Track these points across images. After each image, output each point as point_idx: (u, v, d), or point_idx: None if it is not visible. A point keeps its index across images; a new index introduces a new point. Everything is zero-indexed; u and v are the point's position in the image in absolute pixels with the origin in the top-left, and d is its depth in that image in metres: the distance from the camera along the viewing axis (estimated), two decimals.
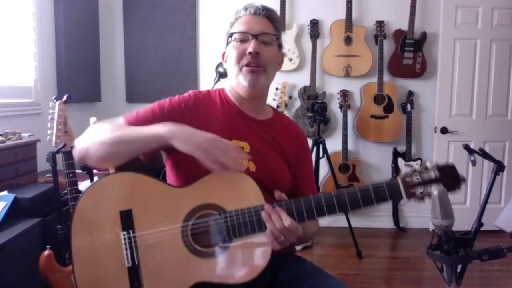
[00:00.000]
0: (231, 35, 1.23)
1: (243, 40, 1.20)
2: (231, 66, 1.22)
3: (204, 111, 1.22)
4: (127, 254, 1.02)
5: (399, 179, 1.02)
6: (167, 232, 1.03)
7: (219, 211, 1.04)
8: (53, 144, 1.87)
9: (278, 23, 1.25)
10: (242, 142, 1.18)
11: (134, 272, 1.02)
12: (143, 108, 1.21)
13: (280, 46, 1.27)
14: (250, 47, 1.17)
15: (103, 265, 1.03)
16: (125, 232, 1.03)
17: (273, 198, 1.13)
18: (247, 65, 1.18)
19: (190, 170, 1.09)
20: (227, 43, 1.25)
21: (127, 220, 1.03)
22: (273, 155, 1.23)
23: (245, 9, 1.23)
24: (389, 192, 1.02)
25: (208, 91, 1.29)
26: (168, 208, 1.05)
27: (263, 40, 1.20)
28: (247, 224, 1.03)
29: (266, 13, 1.23)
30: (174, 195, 1.07)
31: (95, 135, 1.12)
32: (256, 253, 1.03)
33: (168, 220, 1.04)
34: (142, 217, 1.04)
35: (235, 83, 1.23)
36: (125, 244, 1.03)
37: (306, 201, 1.04)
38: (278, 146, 1.24)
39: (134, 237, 1.03)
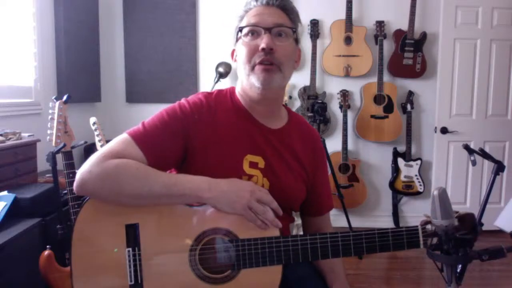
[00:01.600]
0: (240, 29, 1.09)
1: (254, 35, 1.07)
2: (241, 65, 1.09)
3: (217, 117, 1.11)
4: (130, 271, 0.96)
5: (419, 227, 1.00)
6: (174, 253, 0.98)
7: (231, 237, 0.99)
8: (53, 144, 1.87)
9: (294, 15, 1.11)
10: (256, 157, 1.10)
11: None
12: (149, 119, 1.08)
13: (297, 40, 1.12)
14: (263, 42, 1.03)
15: (104, 280, 0.98)
16: (130, 249, 0.97)
17: (284, 215, 1.11)
18: (260, 63, 1.05)
19: None
20: (236, 40, 1.11)
21: (132, 235, 0.97)
22: (288, 170, 1.14)
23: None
24: (407, 238, 1.00)
25: (219, 92, 1.17)
26: (178, 227, 0.99)
27: (277, 34, 1.06)
28: (258, 255, 0.98)
29: (280, 3, 1.08)
30: (185, 214, 1.00)
31: (112, 178, 0.96)
32: (264, 285, 0.99)
33: (176, 240, 0.98)
34: (149, 234, 0.98)
35: (247, 85, 1.09)
36: (129, 261, 0.96)
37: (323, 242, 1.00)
38: (294, 156, 1.15)
39: (139, 254, 0.97)
